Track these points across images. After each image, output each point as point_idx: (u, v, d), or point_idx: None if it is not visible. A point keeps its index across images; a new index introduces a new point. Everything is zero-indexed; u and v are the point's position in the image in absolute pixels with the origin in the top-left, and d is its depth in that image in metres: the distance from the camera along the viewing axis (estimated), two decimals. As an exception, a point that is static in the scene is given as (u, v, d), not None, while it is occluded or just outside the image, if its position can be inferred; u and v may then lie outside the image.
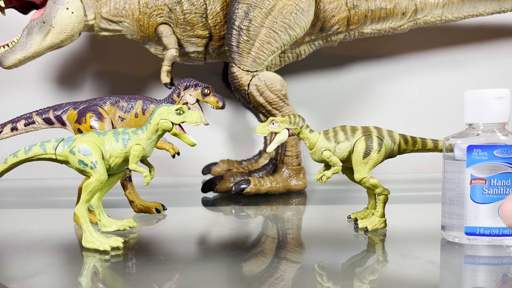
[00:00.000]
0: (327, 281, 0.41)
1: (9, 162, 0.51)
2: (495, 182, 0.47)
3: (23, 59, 0.78)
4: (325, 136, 0.55)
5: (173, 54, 0.80)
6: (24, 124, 0.62)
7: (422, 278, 0.42)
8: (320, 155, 0.55)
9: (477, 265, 0.46)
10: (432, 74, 1.01)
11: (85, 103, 0.62)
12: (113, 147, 0.50)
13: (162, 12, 0.80)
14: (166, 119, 0.49)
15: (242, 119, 1.05)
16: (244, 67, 0.78)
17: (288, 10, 0.78)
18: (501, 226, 0.47)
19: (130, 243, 0.52)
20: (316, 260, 0.46)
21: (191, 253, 0.50)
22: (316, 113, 1.04)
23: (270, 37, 0.78)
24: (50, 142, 0.50)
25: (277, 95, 0.78)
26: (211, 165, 0.96)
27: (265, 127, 0.54)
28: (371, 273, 0.43)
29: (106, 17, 0.80)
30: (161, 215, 0.65)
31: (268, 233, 0.59)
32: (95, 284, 0.41)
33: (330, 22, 0.84)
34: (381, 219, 0.55)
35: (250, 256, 0.48)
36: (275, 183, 0.78)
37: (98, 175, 0.48)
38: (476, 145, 0.47)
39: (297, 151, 0.80)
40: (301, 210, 0.72)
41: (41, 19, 0.77)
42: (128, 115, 0.61)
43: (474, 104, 0.48)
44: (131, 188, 0.64)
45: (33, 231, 0.58)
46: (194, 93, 0.62)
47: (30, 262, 0.46)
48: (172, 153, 0.61)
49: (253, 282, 0.41)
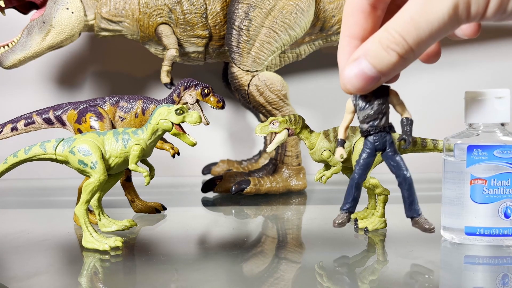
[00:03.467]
0: (327, 281, 0.41)
1: (9, 162, 0.51)
2: (495, 182, 0.47)
3: (23, 59, 0.78)
4: (325, 136, 0.55)
5: (173, 54, 0.80)
6: (24, 124, 0.62)
7: (422, 278, 0.42)
8: (320, 155, 0.55)
9: (477, 265, 0.46)
10: (432, 74, 1.01)
11: (85, 103, 0.62)
12: (113, 147, 0.50)
13: (162, 12, 0.80)
14: (166, 119, 0.49)
15: (242, 119, 1.05)
16: (244, 67, 0.78)
17: (288, 10, 0.78)
18: (501, 226, 0.47)
19: (130, 243, 0.52)
20: (316, 260, 0.46)
21: (191, 253, 0.50)
22: (316, 113, 1.04)
23: (270, 37, 0.78)
24: (50, 142, 0.50)
25: (277, 95, 0.78)
26: (211, 165, 0.96)
27: (265, 127, 0.54)
28: (371, 273, 0.43)
29: (106, 17, 0.80)
30: (161, 215, 0.65)
31: (268, 233, 0.59)
32: (95, 284, 0.41)
33: (330, 22, 0.84)
34: (381, 219, 0.55)
35: (250, 256, 0.48)
36: (275, 183, 0.78)
37: (98, 175, 0.48)
38: (476, 145, 0.47)
39: (297, 151, 0.80)
40: (301, 210, 0.72)
41: (41, 19, 0.77)
42: (128, 115, 0.61)
43: (474, 104, 0.48)
44: (131, 188, 0.64)
45: (33, 231, 0.58)
46: (194, 93, 0.62)
47: (30, 262, 0.46)
48: (172, 153, 0.61)
49: (253, 282, 0.41)
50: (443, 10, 0.32)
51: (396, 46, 0.35)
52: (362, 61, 0.37)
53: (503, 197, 0.47)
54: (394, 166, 0.47)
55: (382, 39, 0.35)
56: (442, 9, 0.32)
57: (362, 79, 0.37)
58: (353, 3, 0.39)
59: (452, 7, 0.32)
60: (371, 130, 0.46)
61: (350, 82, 0.38)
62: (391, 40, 0.35)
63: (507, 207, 0.47)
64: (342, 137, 0.48)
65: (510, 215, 0.47)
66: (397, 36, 0.34)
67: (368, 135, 0.46)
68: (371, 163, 0.47)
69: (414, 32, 0.34)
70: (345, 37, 0.40)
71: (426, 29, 0.33)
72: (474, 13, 0.33)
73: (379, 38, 0.36)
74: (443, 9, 0.32)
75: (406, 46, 0.34)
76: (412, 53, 0.35)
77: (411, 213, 0.48)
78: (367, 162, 0.47)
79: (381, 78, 0.37)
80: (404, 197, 0.48)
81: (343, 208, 0.49)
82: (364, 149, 0.47)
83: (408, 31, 0.34)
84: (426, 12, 0.33)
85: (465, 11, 0.33)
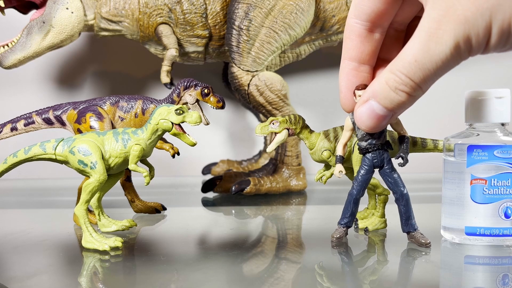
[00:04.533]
0: (327, 281, 0.41)
1: (9, 162, 0.51)
2: (495, 182, 0.47)
3: (23, 59, 0.78)
4: (325, 136, 0.55)
5: (173, 54, 0.80)
6: (24, 124, 0.62)
7: (422, 278, 0.42)
8: (320, 156, 0.55)
9: (477, 265, 0.45)
10: (432, 74, 1.01)
11: (85, 103, 0.62)
12: (113, 147, 0.50)
13: (162, 12, 0.80)
14: (166, 119, 0.49)
15: (242, 119, 1.05)
16: (244, 67, 0.78)
17: (288, 10, 0.77)
18: (502, 226, 0.47)
19: (130, 243, 0.52)
20: (316, 260, 0.46)
21: (191, 253, 0.50)
22: (316, 113, 1.04)
23: (270, 37, 0.78)
24: (50, 142, 0.50)
25: (277, 95, 0.78)
26: (211, 165, 0.96)
27: (265, 127, 0.54)
28: (371, 273, 0.43)
29: (106, 17, 0.80)
30: (161, 215, 0.65)
31: (268, 233, 0.59)
32: (95, 284, 0.41)
33: (330, 22, 0.84)
34: (381, 219, 0.55)
35: (250, 256, 0.48)
36: (275, 183, 0.78)
37: (98, 175, 0.48)
38: (476, 145, 0.47)
39: (297, 151, 0.80)
40: (301, 210, 0.72)
41: (40, 19, 0.77)
42: (128, 115, 0.61)
43: (474, 104, 0.48)
44: (131, 188, 0.64)
45: (33, 231, 0.58)
46: (194, 93, 0.62)
47: (30, 262, 0.46)
48: (172, 153, 0.61)
49: (253, 282, 0.41)
50: (445, 50, 0.33)
51: (404, 87, 0.36)
52: (372, 102, 0.39)
53: (503, 197, 0.47)
54: (391, 182, 0.49)
55: (390, 81, 0.37)
56: (444, 49, 0.33)
57: (375, 119, 0.40)
58: (350, 27, 0.41)
59: (453, 46, 0.33)
60: (370, 147, 0.47)
61: (363, 123, 0.41)
62: (399, 81, 0.36)
63: (507, 207, 0.47)
64: (341, 154, 0.50)
65: (510, 215, 0.47)
66: (403, 77, 0.36)
67: (367, 152, 0.48)
68: (369, 179, 0.49)
69: (419, 72, 0.35)
70: (344, 60, 0.43)
71: (431, 68, 0.35)
72: (476, 48, 0.34)
73: (386, 80, 0.37)
74: (445, 49, 0.33)
75: (414, 85, 0.36)
76: (420, 90, 0.37)
77: (408, 228, 0.49)
78: (365, 179, 0.49)
79: (392, 116, 0.40)
80: (401, 212, 0.49)
81: (340, 222, 0.50)
82: (363, 165, 0.48)
83: (414, 72, 0.35)
84: (429, 53, 0.34)
85: (467, 47, 0.33)
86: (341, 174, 0.49)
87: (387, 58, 0.42)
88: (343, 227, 0.50)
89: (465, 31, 0.33)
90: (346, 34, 0.41)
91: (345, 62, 0.43)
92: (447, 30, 0.33)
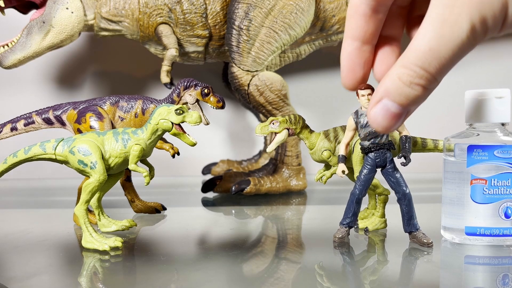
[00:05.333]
0: (327, 281, 0.41)
1: (9, 162, 0.51)
2: (495, 182, 0.47)
3: (23, 59, 0.78)
4: (325, 136, 0.55)
5: (173, 54, 0.80)
6: (24, 124, 0.62)
7: (422, 278, 0.42)
8: (320, 155, 0.55)
9: (477, 265, 0.45)
10: (432, 74, 1.01)
11: (85, 103, 0.62)
12: (113, 147, 0.50)
13: (162, 12, 0.80)
14: (166, 119, 0.49)
15: (242, 119, 1.05)
16: (244, 67, 0.78)
17: (288, 10, 0.77)
18: (502, 226, 0.47)
19: (130, 243, 0.52)
20: (316, 260, 0.46)
21: (191, 253, 0.50)
22: (316, 113, 1.04)
23: (270, 37, 0.78)
24: (49, 142, 0.50)
25: (277, 95, 0.78)
26: (211, 165, 0.96)
27: (265, 127, 0.54)
28: (371, 273, 0.43)
29: (106, 17, 0.80)
30: (161, 215, 0.65)
31: (268, 233, 0.59)
32: (95, 284, 0.41)
33: (331, 21, 0.84)
34: (381, 219, 0.55)
35: (250, 256, 0.48)
36: (275, 183, 0.78)
37: (97, 175, 0.48)
38: (477, 145, 0.47)
39: (297, 151, 0.80)
40: (301, 210, 0.72)
41: (40, 19, 0.77)
42: (128, 115, 0.61)
43: (474, 104, 0.48)
44: (131, 188, 0.64)
45: (33, 231, 0.58)
46: (194, 93, 0.62)
47: (30, 262, 0.46)
48: (172, 153, 0.61)
49: (253, 282, 0.41)
50: (461, 34, 0.32)
51: (419, 80, 0.35)
52: (385, 101, 0.37)
53: (503, 197, 0.47)
54: (394, 182, 0.49)
55: (403, 76, 0.35)
56: (460, 34, 0.32)
57: (391, 118, 0.37)
58: (355, 6, 0.39)
59: (470, 29, 0.32)
60: (372, 147, 0.48)
61: (379, 124, 0.38)
62: (413, 75, 0.34)
63: (508, 207, 0.47)
64: (344, 153, 0.50)
65: (510, 215, 0.47)
66: (418, 70, 0.34)
67: (369, 152, 0.48)
68: (372, 179, 0.49)
69: (435, 62, 0.33)
70: (347, 39, 0.40)
71: (447, 56, 0.33)
72: (492, 28, 0.32)
73: (399, 75, 0.35)
74: (461, 33, 0.32)
75: (430, 77, 0.34)
76: (435, 82, 0.35)
77: (410, 227, 0.49)
78: (367, 178, 0.49)
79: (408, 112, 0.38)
80: (403, 212, 0.49)
81: (343, 222, 0.50)
82: (365, 165, 0.48)
83: (429, 62, 0.34)
84: (443, 39, 0.32)
85: (483, 29, 0.32)
86: (344, 174, 0.49)
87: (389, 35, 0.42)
88: (345, 227, 0.50)
89: (480, 13, 0.31)
90: (350, 13, 0.40)
91: (347, 42, 0.40)
92: (461, 13, 0.31)
